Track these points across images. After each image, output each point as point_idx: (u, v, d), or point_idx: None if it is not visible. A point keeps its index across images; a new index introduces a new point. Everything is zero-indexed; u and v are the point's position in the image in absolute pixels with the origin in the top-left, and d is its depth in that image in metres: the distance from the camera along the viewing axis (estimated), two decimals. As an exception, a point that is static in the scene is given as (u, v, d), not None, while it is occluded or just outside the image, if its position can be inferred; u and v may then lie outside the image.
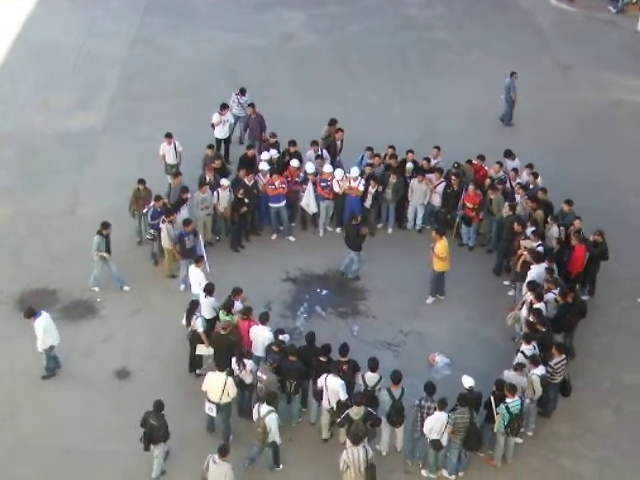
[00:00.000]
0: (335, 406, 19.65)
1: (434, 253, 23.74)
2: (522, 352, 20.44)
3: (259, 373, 19.96)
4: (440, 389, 19.63)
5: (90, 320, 23.79)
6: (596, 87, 34.23)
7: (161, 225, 24.56)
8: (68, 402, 21.41)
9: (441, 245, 23.59)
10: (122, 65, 36.50)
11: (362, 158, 27.39)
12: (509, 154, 27.38)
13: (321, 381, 19.73)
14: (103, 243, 23.93)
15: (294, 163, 26.51)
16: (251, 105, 28.82)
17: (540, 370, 19.92)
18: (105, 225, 24.05)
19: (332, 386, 19.56)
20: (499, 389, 19.43)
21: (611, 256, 24.60)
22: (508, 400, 19.06)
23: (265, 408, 19.08)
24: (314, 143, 27.58)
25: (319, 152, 27.40)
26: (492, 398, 19.49)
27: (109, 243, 24.12)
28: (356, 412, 18.87)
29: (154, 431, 19.43)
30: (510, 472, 19.90)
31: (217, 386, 19.96)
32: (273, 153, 27.18)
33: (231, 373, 20.03)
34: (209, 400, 20.19)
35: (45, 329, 21.34)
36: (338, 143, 28.03)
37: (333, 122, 28.47)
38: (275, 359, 20.09)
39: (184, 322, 22.13)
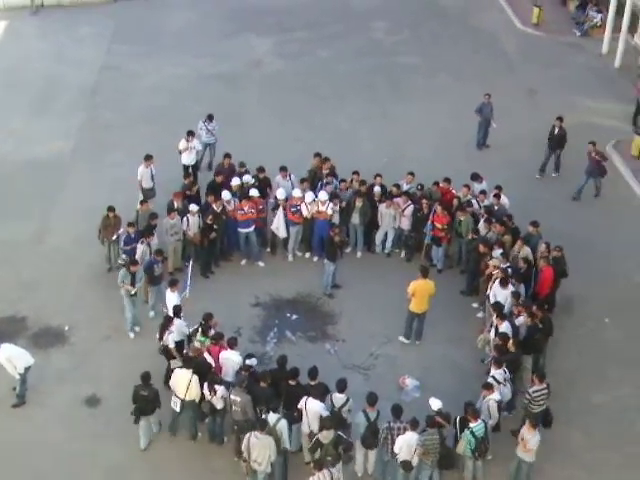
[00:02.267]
0: (315, 430, 19.60)
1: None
2: (493, 377, 20.50)
3: (232, 396, 19.92)
4: (410, 411, 19.71)
5: (60, 347, 23.72)
6: (562, 110, 34.49)
7: (138, 245, 24.57)
8: (38, 429, 21.31)
9: (414, 283, 23.48)
10: (90, 92, 36.51)
11: (336, 187, 27.40)
12: (476, 177, 27.58)
13: (301, 405, 19.74)
14: (128, 278, 23.55)
15: (253, 192, 26.54)
16: (227, 156, 28.44)
17: (496, 396, 19.99)
18: (133, 262, 23.77)
19: (313, 409, 19.58)
20: (470, 412, 19.50)
21: (578, 276, 24.90)
22: (472, 424, 19.17)
23: (274, 416, 19.20)
24: (282, 169, 27.66)
25: (288, 178, 27.49)
26: (457, 419, 19.64)
27: (134, 280, 23.69)
28: (325, 436, 18.91)
29: (146, 402, 20.21)
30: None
31: (183, 382, 20.32)
32: (247, 178, 27.23)
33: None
34: (175, 395, 20.52)
35: (10, 358, 21.30)
36: (324, 172, 27.94)
37: (318, 155, 28.49)
38: (243, 379, 20.10)
39: (157, 336, 22.21)
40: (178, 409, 20.75)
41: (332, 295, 25.71)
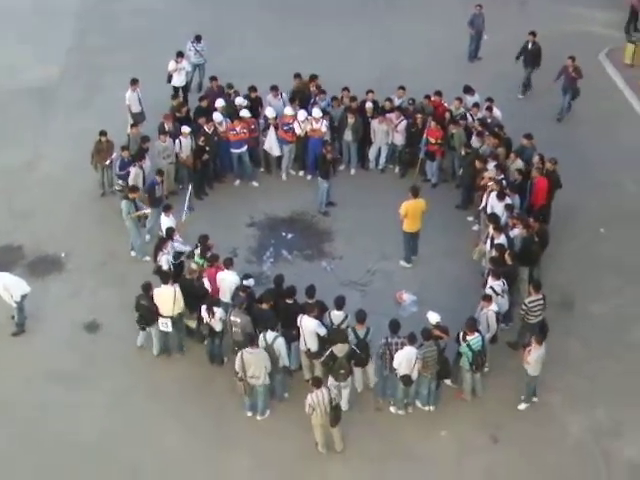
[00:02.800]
0: (312, 347, 19.80)
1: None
2: (491, 287, 20.56)
3: (232, 317, 19.97)
4: (408, 326, 19.77)
5: (57, 275, 23.73)
6: (554, 19, 34.16)
7: (131, 169, 24.44)
8: (40, 357, 21.40)
9: (405, 203, 23.36)
10: (76, 17, 36.06)
11: (328, 104, 27.24)
12: (468, 89, 27.40)
13: (298, 323, 19.80)
14: (132, 207, 23.47)
15: (244, 113, 26.33)
16: (213, 79, 28.21)
17: (494, 307, 20.10)
18: (133, 189, 23.64)
19: (308, 327, 19.66)
20: (470, 326, 19.58)
21: (573, 188, 24.89)
22: (469, 337, 19.30)
23: (271, 334, 19.34)
24: (273, 88, 27.41)
25: (279, 97, 27.27)
26: (459, 335, 19.71)
27: (137, 207, 23.60)
28: (340, 349, 19.06)
29: (148, 312, 20.57)
30: (480, 405, 20.15)
31: (168, 299, 20.49)
32: (240, 100, 26.96)
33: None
34: (162, 316, 20.65)
35: (6, 287, 21.32)
36: (313, 90, 27.71)
37: (298, 75, 28.20)
38: (242, 301, 20.13)
39: (149, 258, 22.45)
40: (170, 328, 20.93)
41: (327, 213, 25.69)
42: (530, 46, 29.99)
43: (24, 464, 19.11)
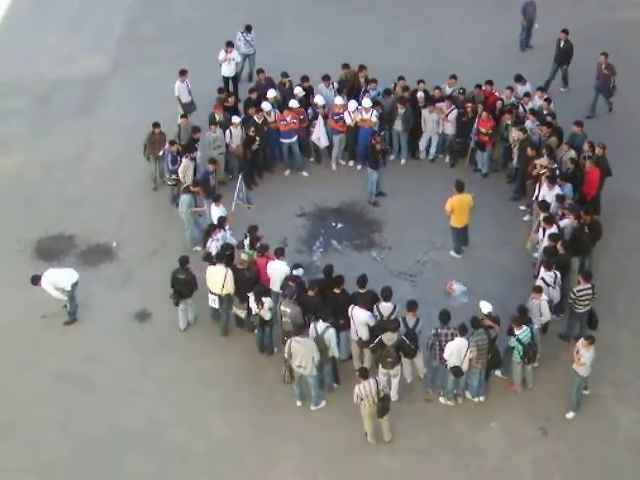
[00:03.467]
0: (363, 336, 19.80)
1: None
2: (542, 279, 20.43)
3: (282, 307, 20.06)
4: (458, 317, 19.76)
5: (108, 264, 23.95)
6: (605, 8, 33.79)
7: (183, 159, 24.52)
8: (91, 345, 21.65)
9: (450, 200, 23.24)
10: (126, 7, 36.17)
11: (378, 93, 27.18)
12: (519, 79, 27.16)
13: (348, 313, 19.84)
14: (193, 201, 23.69)
15: (292, 103, 26.27)
16: (260, 71, 28.16)
17: (545, 297, 19.98)
18: (196, 183, 23.81)
19: (359, 318, 19.67)
20: (522, 315, 19.52)
21: (623, 176, 24.63)
22: (517, 332, 19.18)
23: (322, 325, 19.39)
24: (325, 77, 27.40)
25: (330, 86, 27.26)
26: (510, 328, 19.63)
27: (196, 201, 23.84)
28: (389, 338, 19.08)
29: (184, 285, 21.19)
30: (530, 396, 20.05)
31: (218, 278, 20.84)
32: (298, 90, 26.90)
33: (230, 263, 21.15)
34: (211, 292, 21.08)
35: (54, 283, 21.54)
36: (362, 81, 27.63)
37: (346, 65, 28.12)
38: (293, 291, 20.15)
39: (200, 248, 22.66)
40: (217, 305, 21.34)
41: (377, 203, 25.64)
42: (562, 44, 29.37)
43: (73, 448, 19.40)
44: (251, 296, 20.40)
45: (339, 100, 26.29)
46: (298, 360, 19.22)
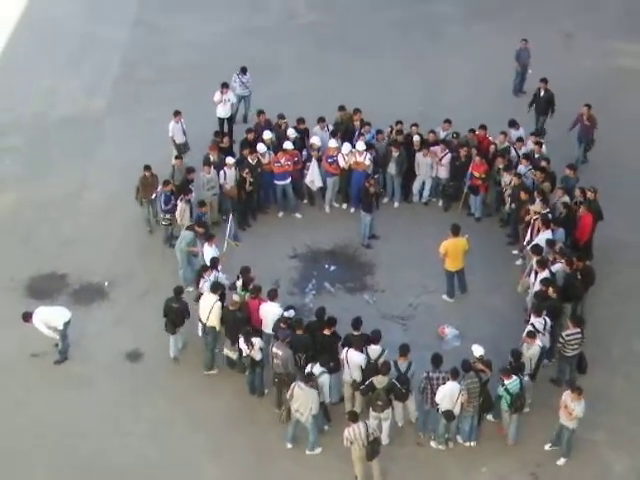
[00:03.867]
0: (357, 378, 19.79)
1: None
2: (532, 324, 20.41)
3: (274, 349, 20.02)
4: (450, 360, 19.73)
5: (100, 303, 23.91)
6: (599, 55, 34.03)
7: (178, 203, 24.56)
8: (81, 385, 21.56)
9: (445, 243, 23.30)
10: (124, 48, 36.35)
11: (373, 137, 27.28)
12: (513, 124, 27.31)
13: (342, 355, 19.80)
14: (194, 241, 23.66)
15: (287, 145, 26.36)
16: (261, 112, 28.22)
17: (539, 342, 19.96)
18: (200, 223, 23.87)
19: (353, 360, 19.67)
20: (516, 360, 19.52)
21: (616, 222, 24.69)
22: (506, 381, 19.07)
23: (318, 368, 19.36)
24: (321, 119, 27.53)
25: (326, 128, 27.39)
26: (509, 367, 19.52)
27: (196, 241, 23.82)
28: (380, 381, 19.04)
29: (177, 314, 21.43)
30: (521, 442, 19.93)
31: (206, 305, 21.07)
32: (291, 132, 27.05)
33: (222, 298, 21.36)
34: (199, 319, 21.33)
35: (46, 321, 21.51)
36: (357, 124, 27.75)
37: (342, 108, 28.24)
38: (286, 335, 20.11)
39: (191, 288, 22.65)
40: (200, 332, 21.52)
41: (370, 246, 25.68)
42: (542, 93, 29.32)
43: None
44: (241, 337, 20.36)
45: (333, 143, 26.39)
46: (297, 405, 19.22)
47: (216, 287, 21.26)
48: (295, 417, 19.48)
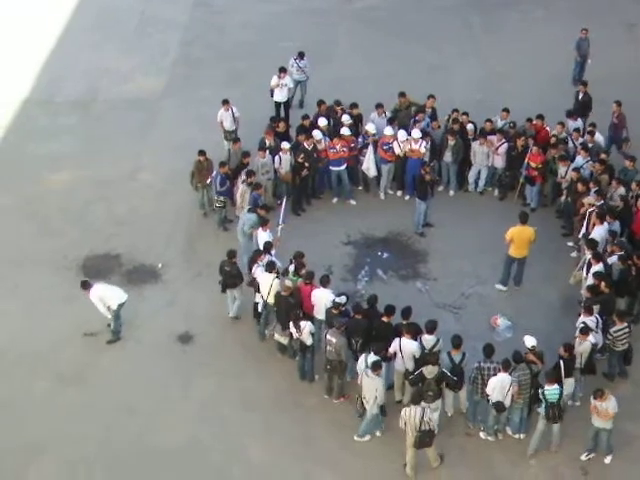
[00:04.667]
0: (410, 368, 19.73)
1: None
2: (584, 323, 20.13)
3: (328, 336, 19.97)
4: (502, 352, 19.59)
5: (153, 284, 24.01)
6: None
7: (240, 185, 24.61)
8: (133, 365, 21.72)
9: (512, 229, 23.20)
10: (182, 29, 36.55)
11: (428, 124, 27.17)
12: (570, 114, 27.02)
13: (395, 344, 19.72)
14: (258, 222, 23.52)
15: (343, 131, 26.27)
16: (321, 102, 27.67)
17: (591, 339, 19.72)
18: (264, 206, 23.90)
19: (407, 349, 19.61)
20: (568, 352, 19.32)
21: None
22: (546, 387, 18.68)
23: (372, 358, 19.24)
24: (378, 105, 27.42)
25: (383, 115, 27.28)
26: (562, 362, 19.32)
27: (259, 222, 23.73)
28: (430, 371, 18.96)
29: (229, 277, 21.89)
30: (572, 435, 19.72)
31: (266, 284, 21.20)
32: (346, 118, 26.87)
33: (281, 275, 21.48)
34: (261, 295, 21.54)
35: (102, 298, 21.62)
36: (429, 110, 27.61)
37: (402, 94, 28.08)
38: (343, 322, 20.05)
39: (246, 270, 22.47)
40: (260, 309, 21.75)
41: (424, 234, 25.56)
42: (581, 97, 28.80)
43: (104, 467, 19.41)
44: (291, 321, 20.42)
45: (389, 130, 26.28)
46: (364, 393, 19.21)
47: (271, 266, 21.31)
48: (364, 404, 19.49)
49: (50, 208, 26.67)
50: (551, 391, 18.64)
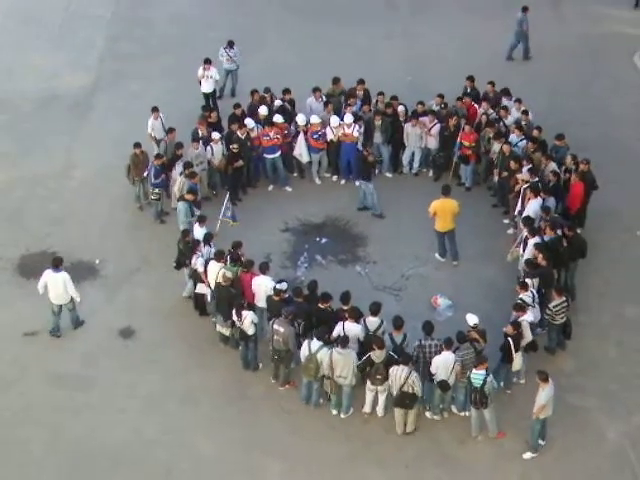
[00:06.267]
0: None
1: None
2: (521, 299, 20.35)
3: (275, 326, 19.93)
4: (444, 331, 19.79)
5: (92, 280, 23.76)
6: (587, 21, 33.92)
7: (178, 177, 24.46)
8: (74, 363, 21.49)
9: (434, 202, 23.45)
10: (107, 23, 36.20)
11: (360, 108, 27.17)
12: (507, 92, 27.16)
13: (339, 328, 19.74)
14: (189, 210, 23.55)
15: (276, 118, 26.29)
16: (255, 91, 27.59)
17: (529, 316, 19.90)
18: (190, 190, 23.73)
19: (352, 332, 19.63)
20: (515, 329, 19.47)
21: (608, 189, 24.75)
22: (474, 370, 18.63)
23: (316, 344, 19.33)
24: (315, 90, 27.46)
25: (320, 99, 27.33)
26: (510, 340, 19.47)
27: (192, 210, 23.69)
28: (378, 355, 19.01)
29: (181, 255, 22.16)
30: (515, 409, 19.94)
31: (213, 272, 21.10)
32: (278, 103, 27.05)
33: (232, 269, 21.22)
34: (208, 285, 21.52)
35: (65, 282, 21.48)
36: (360, 94, 27.69)
37: (337, 80, 28.15)
38: (290, 310, 20.06)
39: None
40: (209, 299, 21.75)
41: (382, 215, 25.68)
42: (469, 90, 28.40)
43: (54, 467, 19.20)
44: (234, 310, 20.36)
45: (315, 119, 26.26)
46: (339, 370, 19.22)
47: (220, 255, 21.31)
48: (338, 383, 19.50)
49: (-18, 209, 26.33)
50: (477, 375, 18.65)
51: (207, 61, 29.20)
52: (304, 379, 19.97)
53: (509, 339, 19.47)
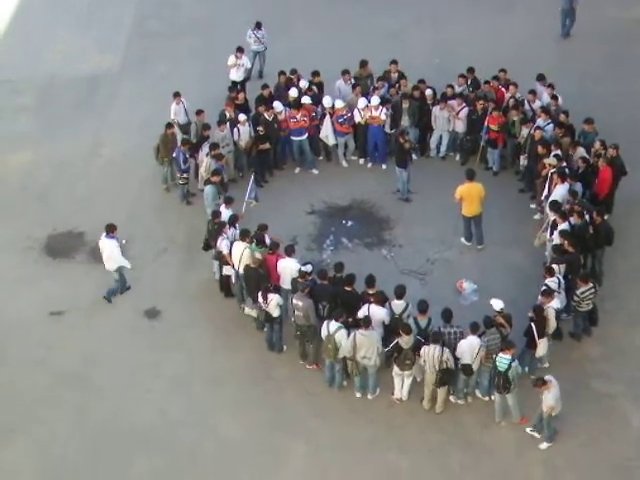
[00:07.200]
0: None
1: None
2: (546, 285, 20.22)
3: (294, 300, 20.02)
4: (469, 315, 19.78)
5: (118, 261, 23.90)
6: (618, 5, 33.63)
7: (205, 158, 24.54)
8: (101, 342, 21.61)
9: (460, 187, 23.32)
10: (135, 5, 36.17)
11: (387, 91, 27.07)
12: (541, 78, 26.88)
13: (363, 312, 19.73)
14: (216, 192, 23.55)
15: (304, 100, 26.21)
16: (281, 73, 27.60)
17: (555, 303, 19.76)
18: (215, 172, 23.70)
19: (376, 315, 19.64)
20: (537, 315, 19.41)
21: (638, 175, 24.42)
22: (501, 354, 18.66)
23: (334, 325, 19.35)
24: (344, 72, 27.34)
25: (349, 82, 27.23)
26: (533, 325, 19.39)
27: (219, 191, 23.70)
28: (406, 341, 19.02)
29: (210, 235, 22.06)
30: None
31: (237, 253, 21.15)
32: (303, 84, 26.97)
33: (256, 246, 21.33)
34: (232, 266, 21.49)
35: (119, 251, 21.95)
36: (394, 76, 27.53)
37: (364, 64, 28.01)
38: (306, 284, 20.11)
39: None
40: (233, 280, 21.72)
41: (409, 199, 25.61)
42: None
43: (79, 447, 19.37)
44: (260, 292, 20.39)
45: (339, 103, 26.16)
46: (363, 351, 19.23)
47: (245, 234, 21.36)
48: (363, 364, 19.51)
49: (11, 189, 26.43)
50: (503, 359, 18.63)
51: (239, 49, 28.96)
52: (326, 361, 20.03)
53: (532, 324, 19.42)
